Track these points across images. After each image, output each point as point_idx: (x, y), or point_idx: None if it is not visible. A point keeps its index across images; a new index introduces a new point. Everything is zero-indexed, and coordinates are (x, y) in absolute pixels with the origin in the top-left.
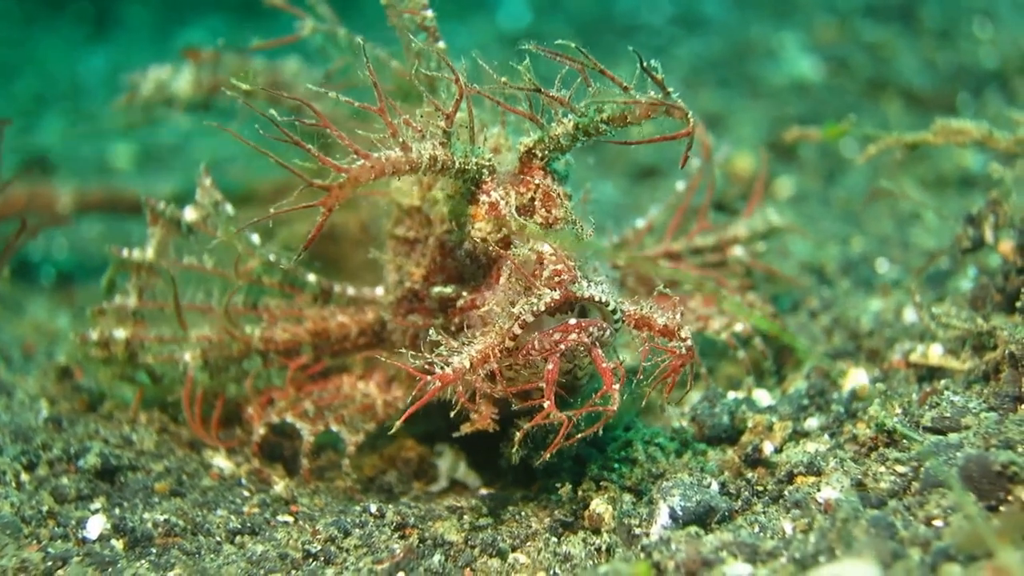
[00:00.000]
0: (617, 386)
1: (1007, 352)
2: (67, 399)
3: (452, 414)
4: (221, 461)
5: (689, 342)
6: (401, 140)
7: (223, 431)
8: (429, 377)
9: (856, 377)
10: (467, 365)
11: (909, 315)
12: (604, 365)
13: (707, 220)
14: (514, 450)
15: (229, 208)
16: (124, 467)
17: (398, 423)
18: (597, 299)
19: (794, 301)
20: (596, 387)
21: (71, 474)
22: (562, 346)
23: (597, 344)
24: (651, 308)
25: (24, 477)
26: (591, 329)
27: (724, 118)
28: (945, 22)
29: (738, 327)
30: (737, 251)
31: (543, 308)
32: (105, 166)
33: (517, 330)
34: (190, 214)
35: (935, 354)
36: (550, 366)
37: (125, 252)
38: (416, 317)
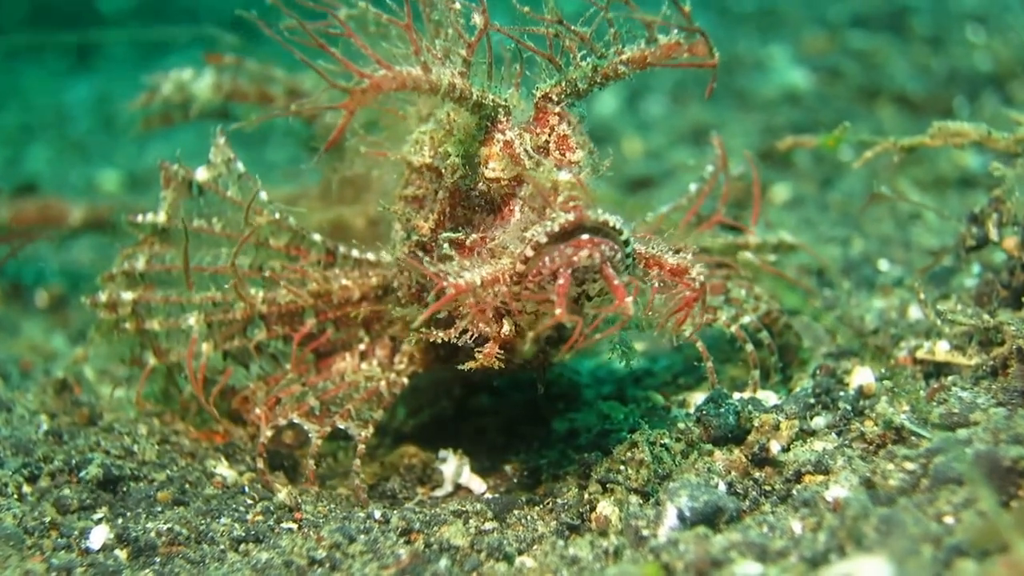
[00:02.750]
0: (630, 299)
1: (1015, 347)
2: (67, 413)
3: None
4: (224, 469)
5: (702, 278)
6: (423, 60)
7: (227, 439)
8: (445, 283)
9: (862, 375)
10: (477, 282)
11: (914, 313)
12: (616, 282)
13: (718, 223)
14: (528, 346)
15: (240, 166)
16: (126, 477)
17: (420, 319)
18: (611, 224)
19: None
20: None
21: (73, 485)
22: (575, 259)
23: (608, 264)
24: (662, 248)
25: (26, 489)
26: (603, 247)
27: (715, 129)
28: (936, 29)
29: (746, 319)
30: (747, 254)
31: (557, 230)
32: (93, 191)
33: (529, 252)
34: (202, 174)
35: (942, 351)
36: (561, 281)
37: (139, 218)
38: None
